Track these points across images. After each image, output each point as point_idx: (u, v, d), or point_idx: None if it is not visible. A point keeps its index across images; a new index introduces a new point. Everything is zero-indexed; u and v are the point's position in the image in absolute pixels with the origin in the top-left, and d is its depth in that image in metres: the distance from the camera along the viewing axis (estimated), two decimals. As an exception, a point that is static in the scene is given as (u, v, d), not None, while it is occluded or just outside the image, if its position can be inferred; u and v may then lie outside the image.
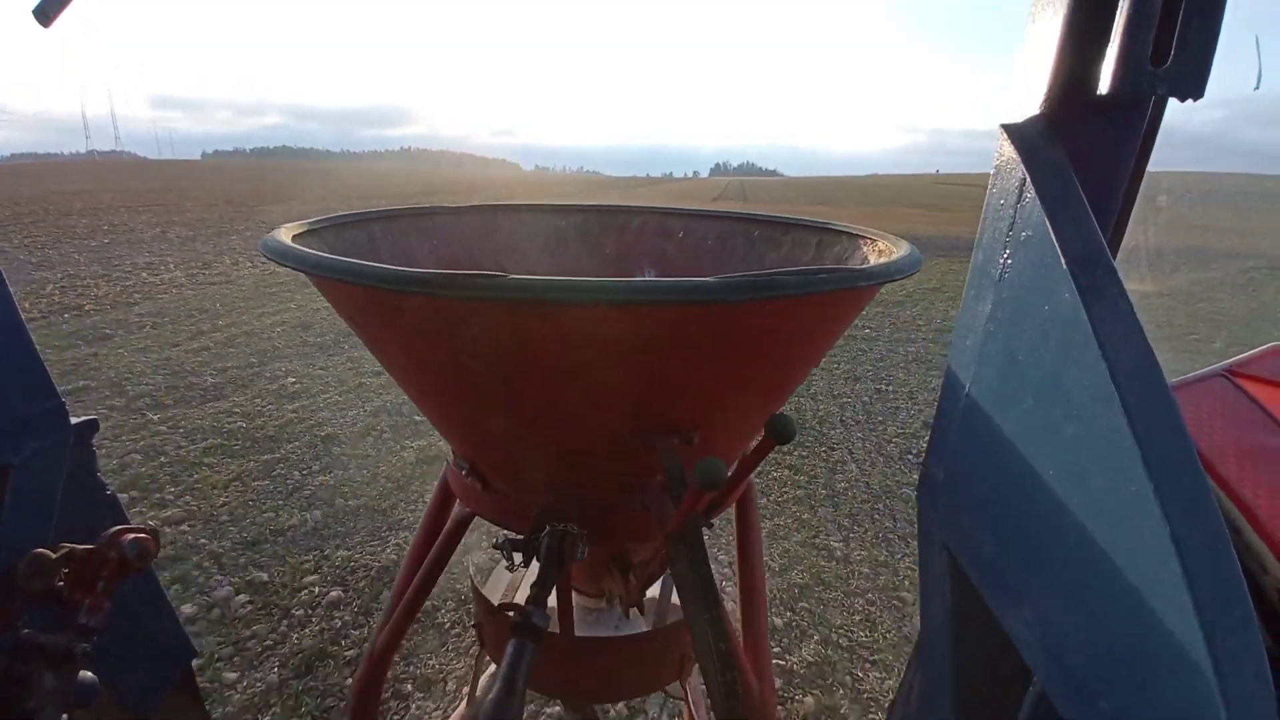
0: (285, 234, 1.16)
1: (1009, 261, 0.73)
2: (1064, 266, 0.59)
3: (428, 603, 2.70)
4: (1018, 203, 0.70)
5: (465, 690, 2.15)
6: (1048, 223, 0.62)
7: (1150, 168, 0.76)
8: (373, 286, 0.84)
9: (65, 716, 1.03)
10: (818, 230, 1.57)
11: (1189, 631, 0.45)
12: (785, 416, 0.84)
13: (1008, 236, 0.72)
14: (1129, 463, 0.51)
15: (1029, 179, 0.66)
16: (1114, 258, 0.67)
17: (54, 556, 1.07)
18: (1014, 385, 0.72)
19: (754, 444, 0.91)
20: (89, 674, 1.09)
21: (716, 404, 1.07)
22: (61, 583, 1.07)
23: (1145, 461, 0.50)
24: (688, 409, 1.03)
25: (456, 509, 1.45)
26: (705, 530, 0.97)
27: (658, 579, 1.70)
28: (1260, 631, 0.45)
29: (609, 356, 0.90)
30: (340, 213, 1.49)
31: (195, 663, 1.61)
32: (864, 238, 1.41)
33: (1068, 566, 0.62)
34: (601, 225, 1.92)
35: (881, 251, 1.30)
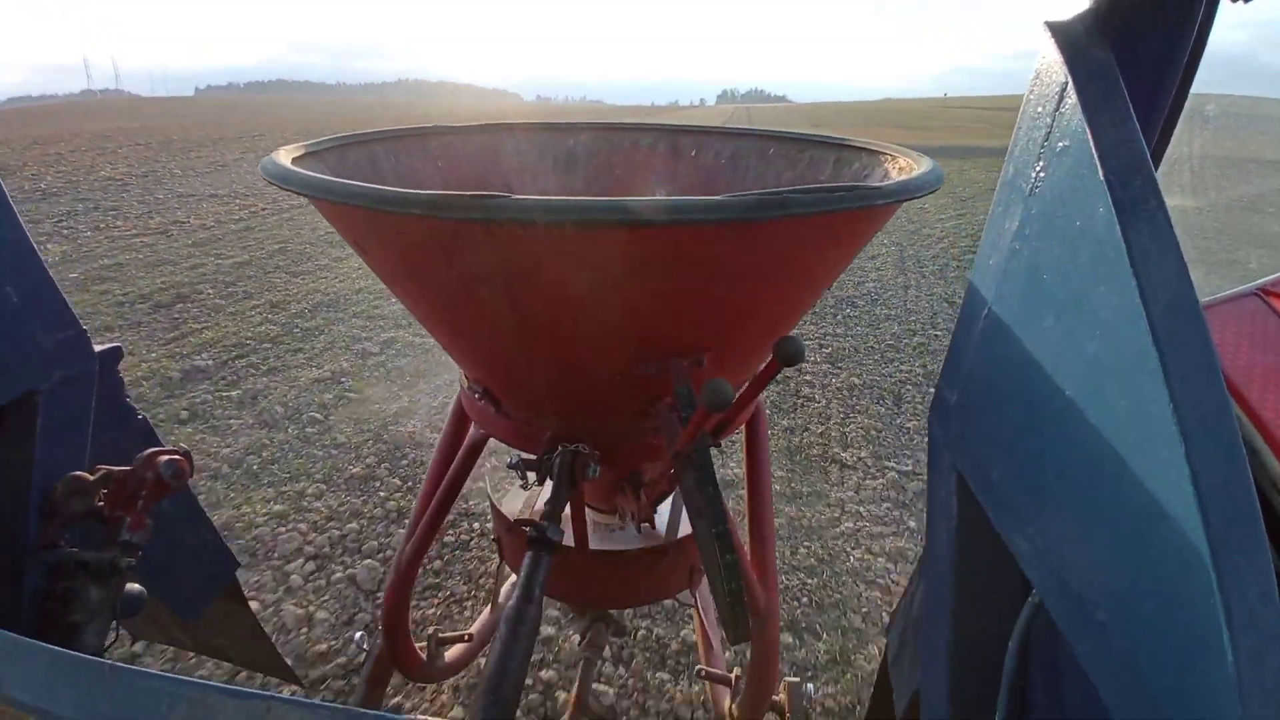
0: (285, 156, 1.12)
1: (1041, 174, 0.69)
2: (1101, 178, 0.55)
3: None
4: (1056, 109, 0.66)
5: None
6: (1087, 129, 0.57)
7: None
8: (376, 210, 0.82)
9: (116, 627, 1.10)
10: (835, 147, 1.49)
11: (1195, 546, 0.45)
12: (793, 339, 0.83)
13: (1043, 146, 0.68)
14: (1151, 383, 0.50)
15: (1071, 82, 0.62)
16: (1155, 169, 0.63)
17: (92, 479, 1.12)
18: (1036, 304, 0.70)
19: (763, 365, 0.91)
20: (136, 586, 1.16)
21: (727, 326, 1.06)
22: (102, 503, 1.12)
23: (1168, 382, 0.48)
24: (697, 331, 1.02)
25: (472, 431, 1.48)
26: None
27: (668, 496, 1.77)
28: (1270, 551, 0.45)
29: (618, 278, 0.89)
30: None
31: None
32: (883, 154, 1.35)
33: (1077, 485, 0.62)
34: (611, 144, 1.85)
35: (902, 168, 1.24)
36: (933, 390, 0.97)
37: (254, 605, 2.22)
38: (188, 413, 3.92)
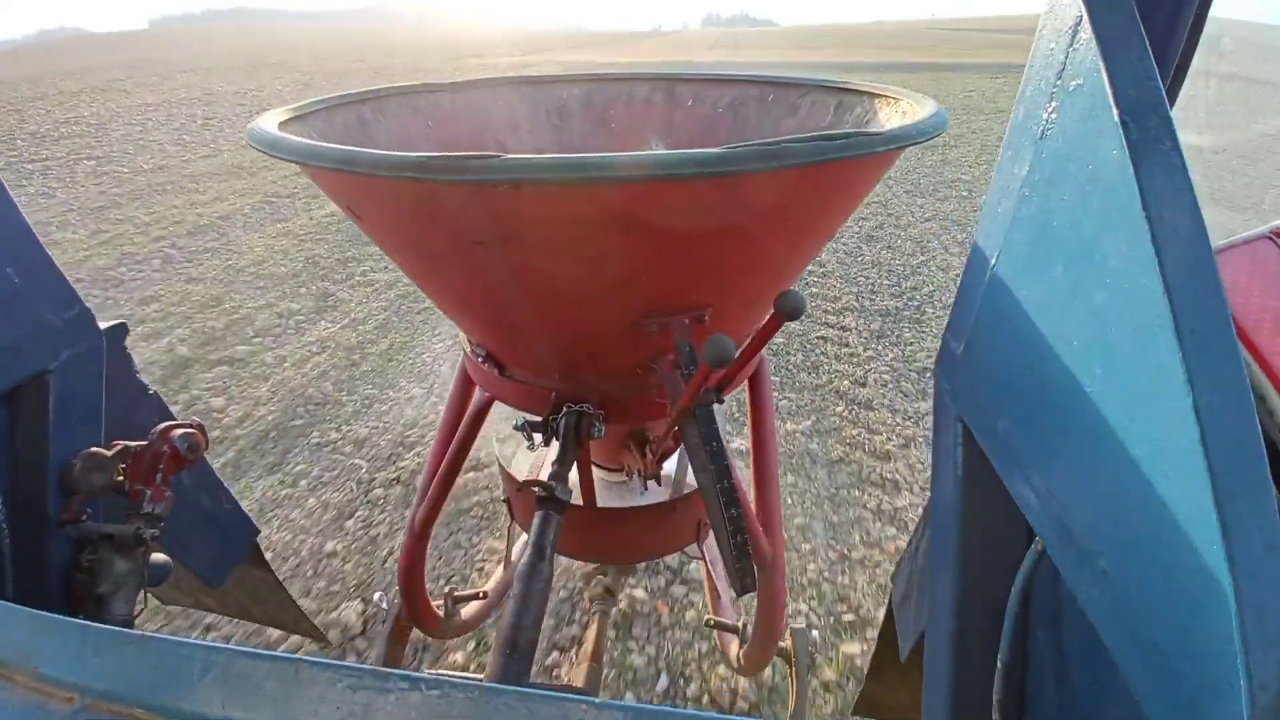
0: (272, 121, 1.10)
1: (1053, 116, 0.66)
2: (1115, 118, 0.53)
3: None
4: (1070, 45, 0.63)
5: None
6: (1102, 66, 0.55)
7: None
8: (367, 174, 0.80)
9: (144, 595, 1.14)
10: (836, 91, 1.44)
11: (1200, 495, 0.45)
12: (795, 293, 0.82)
13: (1055, 85, 0.65)
14: (1160, 331, 0.49)
15: (1085, 15, 0.59)
16: (1171, 107, 0.60)
17: (109, 454, 1.14)
18: (1045, 252, 0.68)
19: (764, 320, 0.90)
20: (162, 556, 1.20)
21: (727, 281, 1.05)
22: (122, 478, 1.15)
23: (1177, 331, 0.48)
24: (698, 287, 1.01)
25: (477, 394, 1.49)
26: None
27: (674, 453, 1.79)
28: (1276, 498, 0.45)
29: (615, 237, 0.87)
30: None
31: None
32: (885, 97, 1.30)
33: (1082, 434, 0.62)
34: (606, 96, 1.79)
35: (905, 112, 1.20)
36: None
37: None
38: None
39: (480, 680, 0.71)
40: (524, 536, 2.23)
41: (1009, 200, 0.77)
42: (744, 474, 2.27)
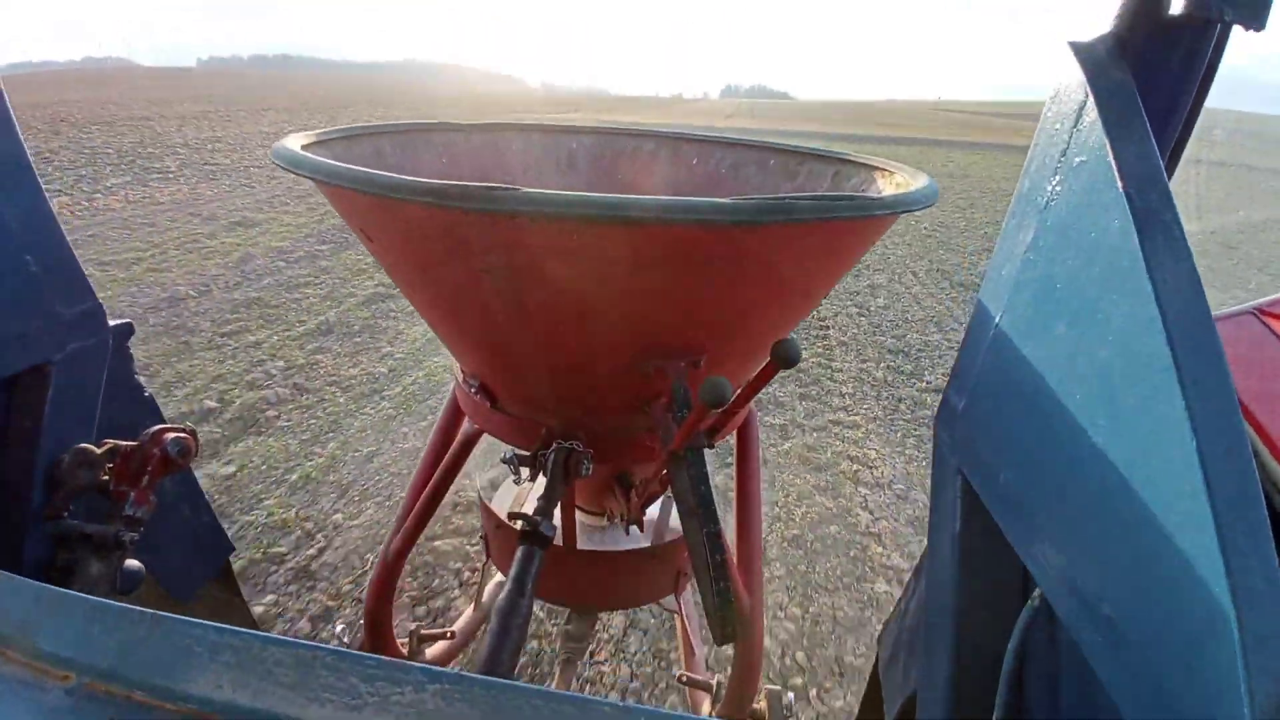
0: (295, 143, 1.14)
1: (1058, 188, 0.72)
2: (1120, 189, 0.58)
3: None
4: (1074, 126, 0.69)
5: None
6: (1107, 143, 0.61)
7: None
8: (385, 196, 0.84)
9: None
10: (835, 161, 1.53)
11: (1202, 532, 0.47)
12: (791, 341, 0.85)
13: (1059, 161, 0.71)
14: (1164, 382, 0.53)
15: (1091, 99, 0.65)
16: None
17: (99, 452, 1.12)
18: (1048, 313, 0.73)
19: (759, 369, 0.93)
20: (135, 562, 1.15)
21: (725, 328, 1.08)
22: (107, 477, 1.12)
23: (1180, 380, 0.51)
24: (696, 332, 1.04)
25: (465, 425, 1.49)
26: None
27: (658, 498, 1.78)
28: (1275, 546, 0.47)
29: (622, 276, 0.91)
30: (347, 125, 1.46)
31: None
32: (881, 170, 1.38)
33: (1086, 485, 0.64)
34: (614, 149, 1.88)
35: (899, 184, 1.28)
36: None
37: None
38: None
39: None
40: (497, 576, 2.17)
41: (1013, 264, 0.82)
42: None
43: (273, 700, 0.44)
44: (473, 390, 1.35)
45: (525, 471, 1.28)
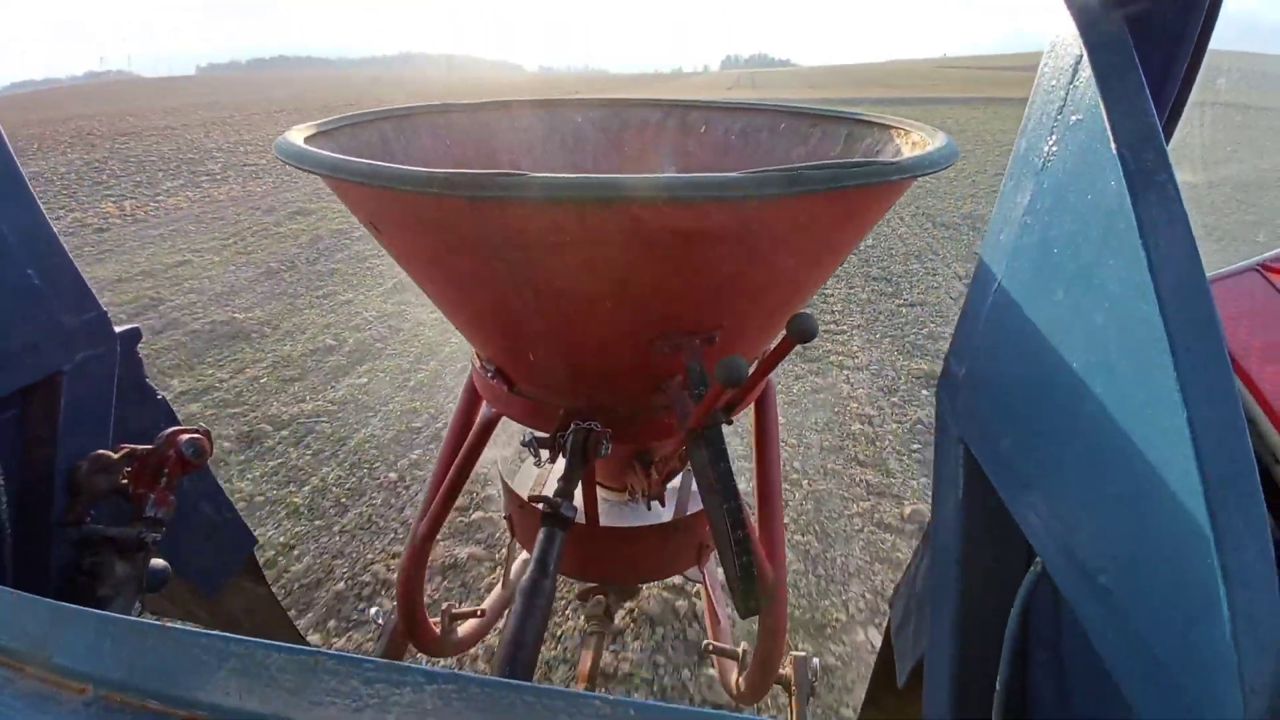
0: (297, 136, 1.13)
1: (1054, 149, 0.69)
2: (1113, 151, 0.56)
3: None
4: (1070, 82, 0.66)
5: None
6: (1101, 102, 0.58)
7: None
8: (394, 188, 0.83)
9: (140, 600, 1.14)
10: (847, 122, 1.48)
11: (1194, 507, 0.46)
12: (807, 315, 0.84)
13: (1055, 120, 0.68)
14: (1156, 350, 0.51)
15: (1085, 55, 0.62)
16: (1168, 142, 0.63)
17: (115, 456, 1.15)
18: (1046, 278, 0.71)
19: (775, 343, 0.92)
20: (160, 561, 1.19)
21: (740, 303, 1.07)
22: (126, 481, 1.15)
23: (1172, 349, 0.50)
24: (711, 308, 1.03)
25: (484, 409, 1.50)
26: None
27: (678, 474, 1.79)
28: (1268, 517, 0.46)
29: (633, 256, 0.89)
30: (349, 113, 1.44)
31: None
32: (896, 129, 1.34)
33: (1083, 453, 0.64)
34: (621, 121, 1.83)
35: (915, 143, 1.23)
36: None
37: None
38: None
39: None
40: (523, 554, 2.22)
41: (1011, 229, 0.80)
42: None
43: (278, 704, 0.45)
44: (489, 375, 1.36)
45: (544, 454, 1.29)
